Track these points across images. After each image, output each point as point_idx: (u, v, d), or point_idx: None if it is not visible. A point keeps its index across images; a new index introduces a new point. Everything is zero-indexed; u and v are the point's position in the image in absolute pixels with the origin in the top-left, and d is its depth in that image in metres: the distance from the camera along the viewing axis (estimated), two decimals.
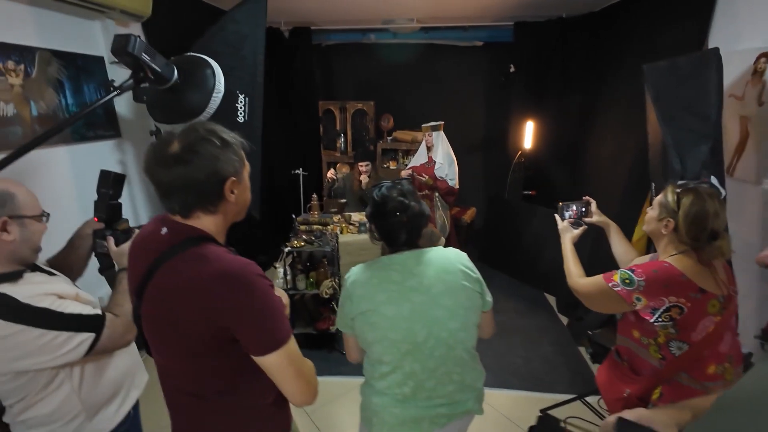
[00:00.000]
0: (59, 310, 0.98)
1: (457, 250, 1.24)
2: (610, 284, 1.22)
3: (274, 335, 0.81)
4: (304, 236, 2.71)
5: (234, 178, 0.86)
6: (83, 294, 1.11)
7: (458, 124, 3.79)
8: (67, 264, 1.27)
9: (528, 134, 3.96)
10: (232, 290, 0.78)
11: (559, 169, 4.05)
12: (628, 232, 2.48)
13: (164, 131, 0.92)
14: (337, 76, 4.51)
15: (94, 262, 1.32)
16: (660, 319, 1.15)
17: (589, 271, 1.40)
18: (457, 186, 3.58)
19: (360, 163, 3.42)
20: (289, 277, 2.65)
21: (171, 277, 0.81)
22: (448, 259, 1.18)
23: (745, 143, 2.00)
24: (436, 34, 4.27)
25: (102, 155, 2.42)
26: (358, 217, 3.33)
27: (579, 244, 1.55)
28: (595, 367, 2.68)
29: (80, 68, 2.23)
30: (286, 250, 2.54)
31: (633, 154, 3.00)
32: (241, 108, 2.30)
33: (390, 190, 1.17)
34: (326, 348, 2.83)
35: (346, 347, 1.28)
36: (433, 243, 1.38)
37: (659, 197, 1.29)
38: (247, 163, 0.93)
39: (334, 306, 2.72)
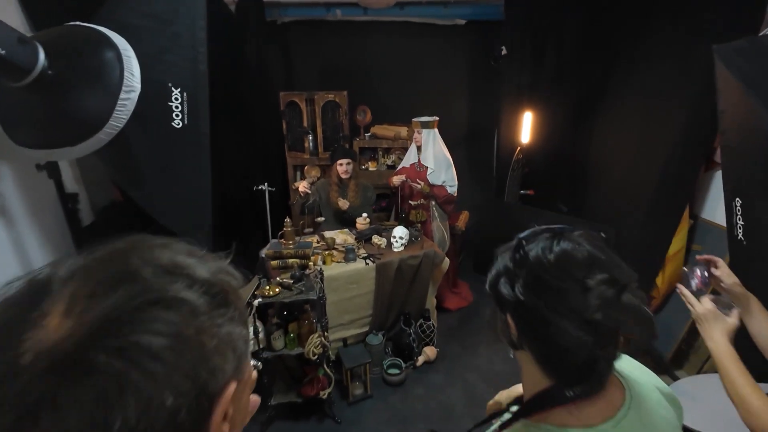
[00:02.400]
0: None
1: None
2: None
3: None
4: (278, 279, 2.03)
5: (235, 383, 0.35)
6: None
7: (441, 115, 3.21)
8: None
9: (526, 127, 3.47)
10: None
11: (558, 166, 3.61)
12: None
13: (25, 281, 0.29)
14: (300, 61, 3.75)
15: None
16: None
17: None
18: (456, 192, 3.03)
19: (339, 161, 2.76)
20: (261, 336, 1.97)
21: None
22: (667, 407, 0.64)
23: None
24: (413, 10, 3.68)
25: None
26: (342, 237, 2.68)
27: None
28: None
29: None
30: (255, 303, 1.86)
31: (660, 152, 2.59)
32: (177, 108, 1.59)
33: (574, 252, 0.52)
34: (315, 417, 2.20)
35: None
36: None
37: None
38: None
39: (325, 366, 2.08)
